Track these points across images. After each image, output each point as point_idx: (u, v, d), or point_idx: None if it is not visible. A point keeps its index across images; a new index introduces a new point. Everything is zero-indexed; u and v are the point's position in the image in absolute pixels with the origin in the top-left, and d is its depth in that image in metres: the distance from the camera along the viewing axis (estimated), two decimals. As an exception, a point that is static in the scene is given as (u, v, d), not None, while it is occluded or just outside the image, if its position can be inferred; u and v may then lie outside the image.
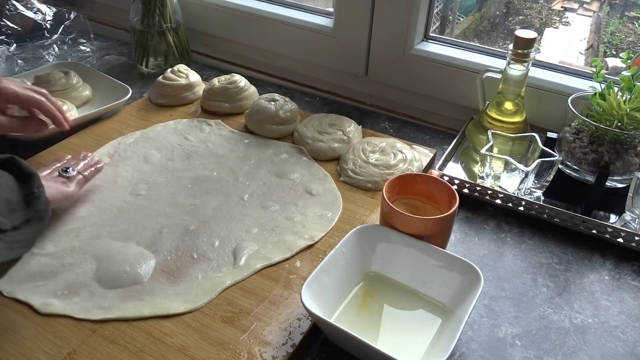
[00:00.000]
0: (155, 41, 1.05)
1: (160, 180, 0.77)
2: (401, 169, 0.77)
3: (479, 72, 0.82)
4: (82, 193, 0.72)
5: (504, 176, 0.74)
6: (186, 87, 0.95)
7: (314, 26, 0.99)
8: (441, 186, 0.63)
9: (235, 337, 0.54)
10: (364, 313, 0.57)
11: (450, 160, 0.82)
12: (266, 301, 0.59)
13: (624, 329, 0.58)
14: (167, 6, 1.03)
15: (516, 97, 0.78)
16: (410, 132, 0.94)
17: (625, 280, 0.64)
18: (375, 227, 0.61)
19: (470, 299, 0.53)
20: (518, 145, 0.77)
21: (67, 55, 1.13)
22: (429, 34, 0.94)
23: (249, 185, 0.76)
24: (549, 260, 0.67)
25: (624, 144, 0.70)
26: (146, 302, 0.58)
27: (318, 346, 0.56)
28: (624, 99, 0.70)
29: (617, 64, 1.06)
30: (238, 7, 1.06)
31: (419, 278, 0.59)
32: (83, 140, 0.84)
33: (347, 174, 0.77)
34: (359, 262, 0.60)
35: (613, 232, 0.67)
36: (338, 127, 0.85)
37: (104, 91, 0.95)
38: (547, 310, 0.60)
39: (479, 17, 1.29)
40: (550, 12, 1.24)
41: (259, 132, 0.87)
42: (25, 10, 1.13)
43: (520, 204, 0.72)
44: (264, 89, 1.02)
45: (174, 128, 0.88)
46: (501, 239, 0.70)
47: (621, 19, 1.16)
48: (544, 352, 0.55)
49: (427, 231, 0.59)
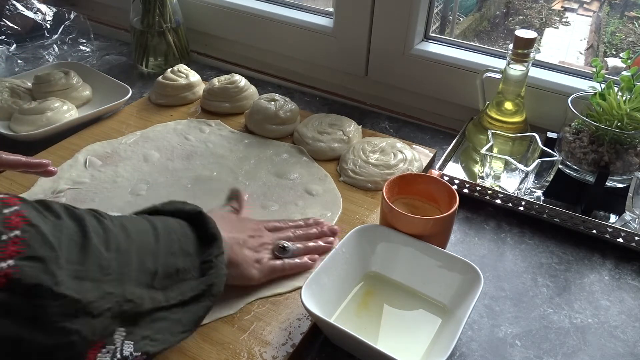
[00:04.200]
0: (155, 41, 1.06)
1: (160, 180, 0.76)
2: (401, 169, 0.77)
3: (479, 72, 0.82)
4: (82, 194, 0.72)
5: (504, 176, 0.74)
6: (186, 87, 0.95)
7: (314, 26, 0.99)
8: (441, 186, 0.63)
9: (235, 337, 0.54)
10: (364, 313, 0.57)
11: (450, 160, 0.82)
12: (266, 301, 0.59)
13: (624, 329, 0.58)
14: (167, 6, 1.03)
15: (516, 97, 0.78)
16: (410, 132, 0.94)
17: (625, 280, 0.64)
18: (375, 227, 0.61)
19: (470, 299, 0.53)
20: (518, 145, 0.77)
21: (67, 55, 1.13)
22: (429, 34, 0.94)
23: (249, 185, 0.76)
24: (549, 260, 0.67)
25: (624, 144, 0.70)
26: None
27: (318, 346, 0.56)
28: (624, 99, 0.70)
29: (617, 64, 1.06)
30: (238, 7, 1.06)
31: (419, 278, 0.59)
32: (83, 140, 0.84)
33: (347, 174, 0.77)
34: (359, 262, 0.60)
35: (613, 232, 0.67)
36: (338, 127, 0.85)
37: (104, 91, 0.95)
38: (547, 310, 0.60)
39: (479, 17, 1.29)
40: (550, 12, 1.24)
41: (259, 132, 0.87)
42: (25, 10, 1.13)
43: (520, 204, 0.72)
44: (264, 89, 1.02)
45: (174, 128, 0.88)
46: (501, 239, 0.70)
47: (621, 19, 1.16)
48: (544, 352, 0.55)
49: (427, 231, 0.59)
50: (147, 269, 0.42)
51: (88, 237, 0.38)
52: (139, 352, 0.39)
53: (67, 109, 0.87)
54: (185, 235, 0.47)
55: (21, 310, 0.33)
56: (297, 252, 0.59)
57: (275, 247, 0.58)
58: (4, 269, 0.32)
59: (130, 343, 0.39)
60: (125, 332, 0.39)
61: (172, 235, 0.46)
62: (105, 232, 0.40)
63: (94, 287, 0.37)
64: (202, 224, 0.48)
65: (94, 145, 0.83)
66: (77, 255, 0.37)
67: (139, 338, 0.40)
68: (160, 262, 0.43)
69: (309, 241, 0.61)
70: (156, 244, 0.44)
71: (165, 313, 0.42)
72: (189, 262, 0.45)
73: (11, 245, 0.33)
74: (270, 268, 0.57)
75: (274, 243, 0.58)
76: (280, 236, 0.60)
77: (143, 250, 0.43)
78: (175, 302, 0.43)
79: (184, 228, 0.48)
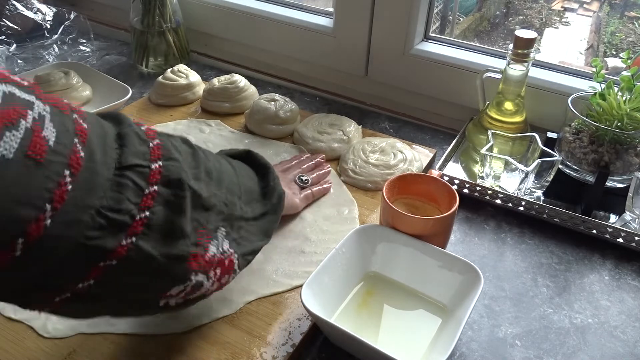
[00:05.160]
0: (155, 41, 1.05)
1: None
2: (401, 169, 0.77)
3: (479, 72, 0.82)
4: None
5: (504, 176, 0.74)
6: (186, 87, 0.95)
7: (314, 26, 0.99)
8: (441, 186, 0.63)
9: (235, 337, 0.54)
10: (364, 313, 0.57)
11: (450, 160, 0.82)
12: (266, 301, 0.59)
13: (624, 329, 0.58)
14: (167, 6, 1.03)
15: (516, 97, 0.78)
16: (410, 132, 0.94)
17: (625, 280, 0.64)
18: (375, 227, 0.61)
19: (470, 299, 0.53)
20: (518, 145, 0.77)
21: (67, 55, 1.13)
22: (429, 34, 0.94)
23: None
24: (549, 260, 0.67)
25: (624, 144, 0.70)
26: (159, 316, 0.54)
27: (318, 346, 0.56)
28: (624, 99, 0.70)
29: (617, 64, 1.06)
30: (238, 7, 1.06)
31: (419, 278, 0.59)
32: (83, 140, 0.84)
33: (347, 174, 0.77)
34: (359, 262, 0.60)
35: (613, 232, 0.67)
36: (338, 127, 0.85)
37: (104, 91, 0.95)
38: (547, 310, 0.60)
39: (479, 17, 1.29)
40: (550, 12, 1.24)
41: (259, 132, 0.87)
42: (25, 10, 1.13)
43: (520, 204, 0.72)
44: (264, 89, 1.02)
45: (173, 128, 0.88)
46: (501, 239, 0.70)
47: (621, 19, 1.16)
48: (544, 352, 0.55)
49: (427, 231, 0.59)
50: (234, 182, 0.51)
51: (194, 149, 0.47)
52: (232, 249, 0.48)
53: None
54: (245, 167, 0.56)
55: (171, 199, 0.40)
56: (313, 180, 0.73)
57: (298, 181, 0.71)
58: (158, 168, 0.40)
59: (227, 241, 0.47)
60: (225, 231, 0.47)
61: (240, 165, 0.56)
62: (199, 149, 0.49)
63: (205, 186, 0.45)
64: (253, 159, 0.58)
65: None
66: (191, 161, 0.45)
67: (231, 239, 0.48)
68: (241, 180, 0.52)
69: (314, 171, 0.75)
70: (232, 168, 0.53)
71: (244, 223, 0.50)
72: (256, 186, 0.55)
73: (156, 150, 0.41)
74: (305, 196, 0.70)
75: (294, 178, 0.71)
76: (295, 172, 0.72)
77: (227, 169, 0.51)
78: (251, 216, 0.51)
79: (241, 163, 0.57)
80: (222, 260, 0.46)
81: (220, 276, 0.47)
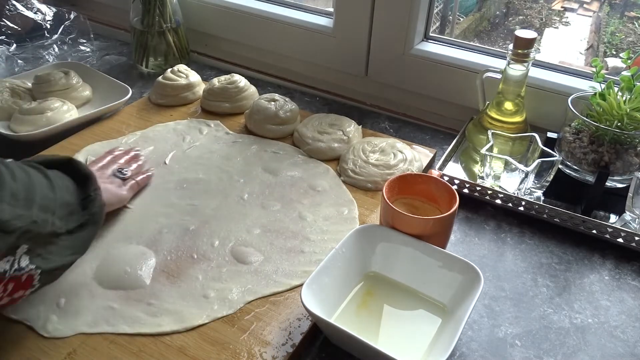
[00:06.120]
0: (155, 41, 1.06)
1: (160, 180, 0.76)
2: (401, 169, 0.77)
3: (479, 72, 0.82)
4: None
5: (504, 176, 0.74)
6: (186, 87, 0.95)
7: (314, 26, 0.99)
8: (441, 186, 0.63)
9: (235, 337, 0.54)
10: (364, 313, 0.57)
11: (450, 160, 0.82)
12: (266, 301, 0.59)
13: (624, 329, 0.58)
14: (167, 6, 1.03)
15: (516, 97, 0.78)
16: (410, 132, 0.94)
17: (625, 280, 0.64)
18: (375, 227, 0.61)
19: (470, 299, 0.53)
20: (518, 145, 0.77)
21: (67, 55, 1.13)
22: (429, 34, 0.94)
23: (248, 185, 0.76)
24: (549, 260, 0.67)
25: (624, 144, 0.70)
26: (159, 316, 0.56)
27: (318, 346, 0.56)
28: (624, 99, 0.70)
29: (617, 64, 1.06)
30: (238, 7, 1.06)
31: (419, 278, 0.59)
32: (83, 140, 0.84)
33: (347, 174, 0.77)
34: (359, 262, 0.60)
35: (613, 232, 0.67)
36: (338, 127, 0.85)
37: (104, 91, 0.95)
38: (547, 310, 0.60)
39: (479, 17, 1.29)
40: (550, 12, 1.24)
41: (259, 132, 0.87)
42: (25, 10, 1.13)
43: (520, 204, 0.72)
44: (264, 89, 1.02)
45: (173, 128, 0.88)
46: (501, 239, 0.70)
47: (621, 19, 1.16)
48: (544, 352, 0.55)
49: (427, 231, 0.59)
50: (49, 197, 0.51)
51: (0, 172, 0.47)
52: (33, 265, 0.48)
53: (67, 109, 0.87)
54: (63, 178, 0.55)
55: None
56: (132, 172, 0.74)
57: (118, 174, 0.71)
58: None
59: (27, 257, 0.48)
60: (27, 248, 0.47)
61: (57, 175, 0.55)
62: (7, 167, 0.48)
63: (10, 209, 0.45)
64: (75, 168, 0.57)
65: (94, 145, 0.83)
66: None
67: (35, 255, 0.48)
68: (58, 194, 0.52)
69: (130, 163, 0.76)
70: (49, 181, 0.52)
71: (55, 239, 0.50)
72: (74, 198, 0.55)
73: None
74: (131, 187, 0.71)
75: (113, 173, 0.72)
76: (113, 168, 0.72)
77: (41, 184, 0.51)
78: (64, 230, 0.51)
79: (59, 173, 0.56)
80: (17, 277, 0.47)
81: (12, 292, 0.48)
